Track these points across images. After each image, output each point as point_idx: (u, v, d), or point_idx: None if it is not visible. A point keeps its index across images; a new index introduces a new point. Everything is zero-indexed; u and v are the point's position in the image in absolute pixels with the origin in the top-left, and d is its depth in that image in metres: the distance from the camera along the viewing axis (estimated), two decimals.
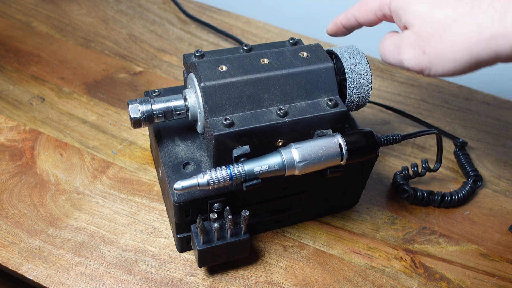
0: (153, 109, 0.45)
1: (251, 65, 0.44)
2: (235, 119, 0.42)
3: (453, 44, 0.34)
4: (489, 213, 0.58)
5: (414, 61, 0.37)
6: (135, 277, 0.48)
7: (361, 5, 0.43)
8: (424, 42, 0.36)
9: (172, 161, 0.47)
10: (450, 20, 0.34)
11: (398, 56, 0.39)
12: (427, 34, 0.36)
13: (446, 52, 0.35)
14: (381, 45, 0.42)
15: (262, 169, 0.41)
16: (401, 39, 0.38)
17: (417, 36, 0.37)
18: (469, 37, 0.34)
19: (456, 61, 0.35)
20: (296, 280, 0.50)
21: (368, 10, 0.42)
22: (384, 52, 0.41)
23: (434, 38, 0.35)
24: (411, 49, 0.37)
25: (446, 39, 0.35)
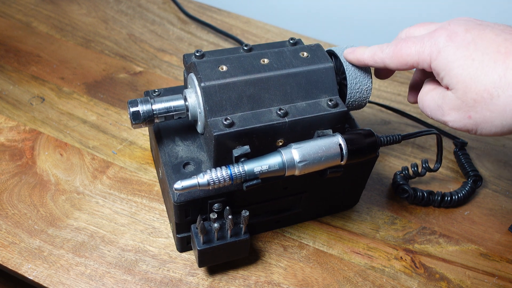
0: (153, 109, 0.45)
1: (251, 65, 0.44)
2: (235, 119, 0.42)
3: (501, 112, 0.34)
4: (489, 213, 0.58)
5: (459, 123, 0.37)
6: (135, 277, 0.48)
7: (394, 56, 0.40)
8: (469, 108, 0.35)
9: (172, 161, 0.47)
10: (498, 89, 0.33)
11: (441, 117, 0.38)
12: (472, 101, 0.35)
13: (494, 119, 0.34)
14: (421, 101, 0.41)
15: (262, 169, 0.41)
16: (444, 101, 0.37)
17: (461, 101, 0.36)
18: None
19: (504, 127, 0.35)
20: (296, 280, 0.50)
21: (402, 62, 0.40)
22: (425, 109, 0.40)
23: (480, 105, 0.34)
24: (455, 113, 0.37)
25: (493, 107, 0.34)
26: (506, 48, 0.34)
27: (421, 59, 0.38)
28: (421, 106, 0.41)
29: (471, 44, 0.35)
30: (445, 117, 0.38)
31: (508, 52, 0.33)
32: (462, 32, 0.36)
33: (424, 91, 0.41)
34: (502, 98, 0.33)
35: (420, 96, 0.41)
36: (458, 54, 0.35)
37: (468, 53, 0.35)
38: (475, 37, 0.35)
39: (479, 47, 0.35)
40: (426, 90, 0.40)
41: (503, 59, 0.33)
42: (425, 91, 0.40)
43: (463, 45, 0.35)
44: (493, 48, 0.34)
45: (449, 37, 0.36)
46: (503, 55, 0.33)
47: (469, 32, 0.36)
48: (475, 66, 0.34)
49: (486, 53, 0.34)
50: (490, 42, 0.34)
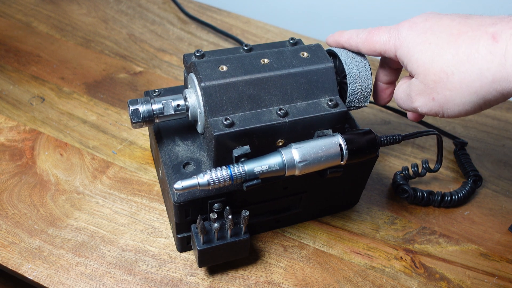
0: (153, 109, 0.45)
1: (251, 65, 0.44)
2: (235, 119, 0.42)
3: (458, 89, 0.35)
4: (489, 213, 0.58)
5: (426, 107, 0.39)
6: (135, 277, 0.48)
7: (366, 41, 0.43)
8: (431, 90, 0.37)
9: (172, 161, 0.47)
10: (452, 68, 0.35)
11: (411, 104, 0.41)
12: (432, 82, 0.37)
13: (454, 97, 0.36)
14: (395, 95, 0.44)
15: (263, 169, 0.41)
16: (411, 88, 0.40)
17: (423, 84, 0.38)
18: (472, 81, 0.34)
19: (465, 104, 0.36)
20: (296, 280, 0.50)
21: (372, 49, 0.43)
22: (399, 101, 0.43)
23: (439, 85, 0.36)
24: (421, 97, 0.39)
25: (451, 85, 0.36)
26: (458, 29, 0.36)
27: (387, 48, 0.41)
28: (396, 100, 0.44)
29: (429, 31, 0.38)
30: (414, 103, 0.40)
31: (460, 32, 0.35)
32: (421, 21, 0.39)
33: (397, 87, 0.44)
34: (456, 75, 0.35)
35: (395, 92, 0.44)
36: (417, 40, 0.38)
37: (425, 38, 0.37)
38: (432, 24, 0.38)
39: (435, 31, 0.37)
40: (398, 85, 0.43)
41: (455, 40, 0.35)
42: (397, 86, 0.44)
43: (422, 32, 0.38)
44: (447, 32, 0.36)
45: (410, 27, 0.39)
46: (455, 36, 0.36)
47: (428, 21, 0.38)
48: (431, 49, 0.37)
49: (441, 37, 0.36)
50: (445, 27, 0.37)
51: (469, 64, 0.34)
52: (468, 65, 0.34)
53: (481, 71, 0.34)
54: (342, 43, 0.46)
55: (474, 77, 0.34)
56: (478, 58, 0.34)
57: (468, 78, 0.35)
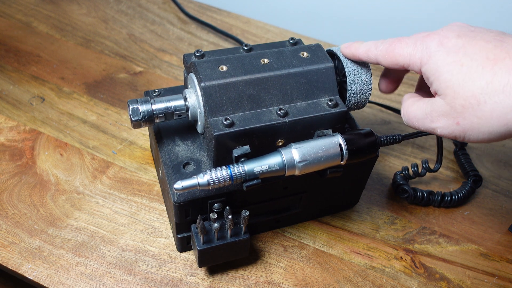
0: (153, 109, 0.45)
1: (251, 65, 0.44)
2: (235, 119, 0.42)
3: (487, 118, 0.34)
4: (489, 213, 0.58)
5: (447, 130, 0.37)
6: (135, 277, 0.48)
7: (387, 54, 0.40)
8: (458, 114, 0.35)
9: (172, 161, 0.47)
10: (485, 95, 0.33)
11: (430, 124, 0.38)
12: (461, 107, 0.35)
13: (481, 125, 0.34)
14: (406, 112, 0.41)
15: (262, 169, 0.41)
16: (433, 108, 0.37)
17: (450, 107, 0.36)
18: (505, 114, 0.33)
19: (491, 134, 0.35)
20: (296, 280, 0.50)
21: (394, 62, 0.40)
22: (412, 120, 0.40)
23: (468, 111, 0.34)
24: (443, 119, 0.37)
25: (481, 113, 0.34)
26: (495, 54, 0.34)
27: (412, 61, 0.38)
28: (407, 117, 0.41)
29: (461, 50, 0.35)
30: (434, 123, 0.38)
31: (496, 58, 0.33)
32: (453, 37, 0.36)
33: (408, 103, 0.41)
34: (488, 104, 0.33)
35: (405, 108, 0.41)
36: (448, 59, 0.35)
37: (457, 59, 0.35)
38: (466, 43, 0.35)
39: (468, 52, 0.35)
40: (411, 102, 0.41)
41: (491, 66, 0.33)
42: (409, 103, 0.41)
43: (453, 51, 0.35)
44: (482, 54, 0.34)
45: (440, 42, 0.36)
46: (491, 61, 0.33)
47: (460, 38, 0.36)
48: (463, 71, 0.34)
49: (475, 59, 0.34)
50: (480, 48, 0.35)
51: (504, 95, 0.32)
52: (503, 96, 0.32)
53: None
54: (360, 56, 0.44)
55: (508, 109, 0.33)
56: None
57: (501, 110, 0.33)
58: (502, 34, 0.36)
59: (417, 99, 0.40)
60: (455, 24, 0.38)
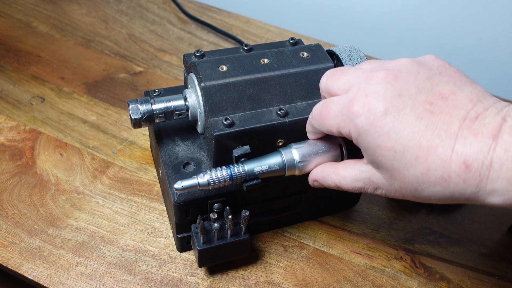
0: (153, 109, 0.45)
1: (251, 65, 0.44)
2: (235, 119, 0.42)
3: (427, 199, 0.34)
4: (489, 213, 0.58)
5: (391, 196, 0.36)
6: (135, 277, 0.48)
7: (321, 120, 0.38)
8: (396, 191, 0.35)
9: (172, 161, 0.47)
10: (422, 185, 0.33)
11: (373, 192, 0.37)
12: (399, 187, 0.34)
13: (421, 201, 0.35)
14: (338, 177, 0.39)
15: (262, 169, 0.41)
16: (371, 180, 0.36)
17: (388, 183, 0.35)
18: (444, 199, 0.33)
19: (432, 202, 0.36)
20: (296, 280, 0.50)
21: (329, 130, 0.38)
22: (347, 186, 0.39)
23: (406, 191, 0.34)
24: (385, 190, 0.36)
25: (419, 196, 0.34)
26: (427, 141, 0.32)
27: (343, 132, 0.36)
28: (338, 184, 0.39)
29: (392, 132, 0.33)
30: (375, 192, 0.37)
31: (429, 146, 0.32)
32: (381, 113, 0.33)
33: (340, 169, 0.39)
34: (426, 192, 0.33)
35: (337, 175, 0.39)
36: (379, 142, 0.33)
37: (390, 144, 0.33)
38: (395, 122, 0.33)
39: (399, 137, 0.33)
40: (343, 167, 0.39)
41: (425, 156, 0.32)
42: (341, 168, 0.39)
43: (383, 133, 0.33)
44: (415, 141, 0.32)
45: (367, 119, 0.33)
46: (424, 150, 0.32)
47: (389, 114, 0.33)
48: (397, 158, 0.33)
49: (408, 147, 0.32)
50: (411, 132, 0.32)
51: (441, 187, 0.32)
52: (439, 187, 0.32)
53: (453, 195, 0.32)
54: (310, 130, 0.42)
55: (446, 198, 0.33)
56: (451, 184, 0.31)
57: (440, 197, 0.33)
58: (431, 92, 0.33)
59: (345, 164, 0.39)
60: (380, 78, 0.35)
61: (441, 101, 0.33)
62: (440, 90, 0.33)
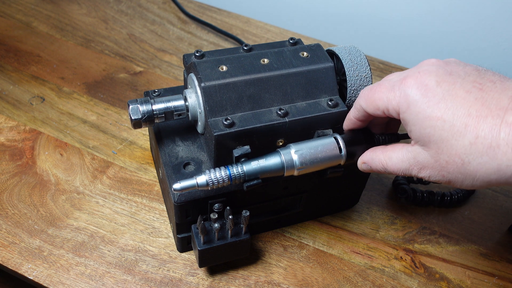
0: (153, 110, 0.45)
1: (251, 65, 0.44)
2: (235, 119, 0.42)
3: (471, 177, 0.33)
4: (489, 213, 0.58)
5: (434, 178, 0.36)
6: (135, 277, 0.48)
7: (368, 99, 0.39)
8: (442, 168, 0.35)
9: (172, 161, 0.47)
10: (469, 156, 0.33)
11: (416, 174, 0.37)
12: (445, 162, 0.34)
13: (464, 180, 0.34)
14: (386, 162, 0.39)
15: (261, 169, 0.41)
16: (416, 159, 0.36)
17: (434, 160, 0.35)
18: (488, 175, 0.33)
19: (474, 186, 0.34)
20: (296, 280, 0.50)
21: (375, 107, 0.38)
22: (394, 169, 0.39)
23: (452, 167, 0.34)
24: (429, 170, 0.36)
25: (465, 171, 0.33)
26: (476, 110, 0.33)
27: (390, 107, 0.37)
28: (389, 167, 0.39)
29: (442, 102, 0.34)
30: (420, 173, 0.37)
31: (479, 115, 0.32)
32: (433, 85, 0.34)
33: (386, 153, 0.39)
34: (472, 164, 0.33)
35: (383, 159, 0.39)
36: (428, 112, 0.34)
37: (439, 113, 0.34)
38: (445, 92, 0.34)
39: (449, 106, 0.33)
40: (390, 151, 0.39)
41: (474, 124, 0.32)
42: (387, 153, 0.39)
43: (434, 102, 0.34)
44: (464, 110, 0.33)
45: (419, 90, 0.35)
46: (474, 118, 0.32)
47: (440, 86, 0.34)
48: (446, 128, 0.33)
49: (457, 115, 0.33)
50: (461, 102, 0.33)
51: (488, 157, 0.32)
52: (487, 158, 0.32)
53: (500, 167, 0.32)
54: (352, 116, 0.43)
55: (492, 171, 0.32)
56: (499, 153, 0.31)
57: (485, 171, 0.32)
58: (479, 76, 0.34)
59: (393, 147, 0.39)
60: (431, 63, 0.36)
61: (490, 83, 0.34)
62: (488, 77, 0.34)
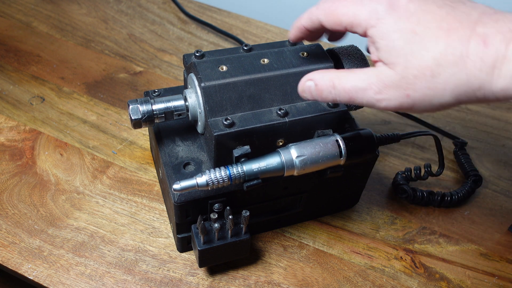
0: (153, 110, 0.45)
1: (251, 65, 0.44)
2: (235, 119, 0.42)
3: (440, 91, 0.32)
4: (489, 213, 0.58)
5: (394, 102, 0.34)
6: (135, 277, 0.48)
7: (330, 13, 0.37)
8: (409, 85, 0.33)
9: (172, 161, 0.47)
10: (439, 67, 0.32)
11: (374, 96, 0.35)
12: (413, 77, 0.33)
13: (432, 97, 0.33)
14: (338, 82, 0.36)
15: (261, 169, 0.41)
16: (379, 78, 0.34)
17: (400, 77, 0.33)
18: (457, 86, 0.32)
19: (441, 105, 0.33)
20: (296, 280, 0.50)
21: (337, 21, 0.37)
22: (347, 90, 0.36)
23: (420, 82, 0.33)
24: (392, 90, 0.34)
25: (434, 85, 0.32)
26: (448, 23, 0.32)
27: (356, 22, 0.35)
28: (340, 88, 0.36)
29: (413, 16, 0.33)
30: (379, 95, 0.34)
31: (450, 28, 0.32)
32: (404, 1, 0.34)
33: (339, 74, 0.37)
34: (442, 76, 0.32)
35: (336, 79, 0.36)
36: (399, 25, 0.33)
37: (410, 26, 0.33)
38: (417, 8, 0.33)
39: (421, 20, 0.33)
40: (344, 72, 0.37)
41: (445, 36, 0.32)
42: (341, 73, 0.37)
43: (405, 16, 0.33)
44: (436, 23, 0.32)
45: (391, 6, 0.34)
46: (445, 31, 0.32)
47: (412, 3, 0.33)
48: (417, 40, 0.33)
49: (428, 28, 0.32)
50: (433, 16, 0.33)
51: (458, 68, 0.31)
52: (456, 69, 0.31)
53: (469, 78, 0.31)
54: (303, 24, 0.40)
55: (461, 82, 0.32)
56: (468, 63, 0.31)
57: (455, 82, 0.32)
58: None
59: (349, 70, 0.37)
60: None
61: (460, 3, 0.33)
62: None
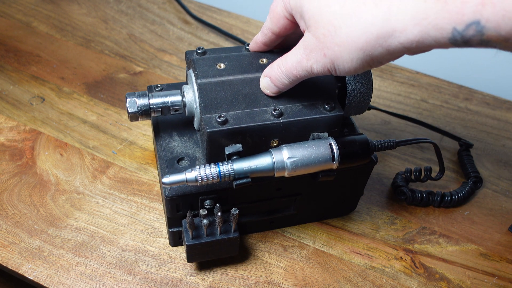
0: (150, 104, 0.45)
1: (250, 64, 0.44)
2: (229, 117, 0.42)
3: (345, 45, 0.33)
4: (489, 213, 0.58)
5: (320, 64, 0.36)
6: (135, 277, 0.48)
7: (270, 14, 0.41)
8: (322, 45, 0.34)
9: (167, 155, 0.47)
10: (339, 20, 0.33)
11: (306, 63, 0.37)
12: (323, 36, 0.34)
13: (342, 53, 0.33)
14: (284, 64, 0.39)
15: (251, 168, 0.41)
16: (303, 44, 0.36)
17: (315, 38, 0.35)
18: (358, 37, 0.32)
19: (353, 61, 0.34)
20: (296, 280, 0.50)
21: (276, 17, 0.39)
22: (291, 68, 0.38)
23: (328, 39, 0.34)
24: (314, 53, 0.36)
25: (339, 40, 0.33)
26: None
27: (284, 3, 0.38)
28: (286, 69, 0.39)
29: None
30: (308, 61, 0.36)
31: None
32: None
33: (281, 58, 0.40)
34: (343, 29, 0.32)
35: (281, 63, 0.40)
36: None
37: None
38: None
39: None
40: (284, 56, 0.40)
41: None
42: (282, 57, 0.40)
43: None
44: None
45: None
46: None
47: None
48: (323, 1, 0.34)
49: None
50: None
51: (356, 18, 0.31)
52: (355, 18, 0.32)
53: (366, 26, 0.31)
54: (260, 40, 0.43)
55: (360, 33, 0.32)
56: (364, 11, 0.31)
57: (354, 33, 0.32)
58: None
59: (292, 50, 0.39)
60: None
61: None
62: None
